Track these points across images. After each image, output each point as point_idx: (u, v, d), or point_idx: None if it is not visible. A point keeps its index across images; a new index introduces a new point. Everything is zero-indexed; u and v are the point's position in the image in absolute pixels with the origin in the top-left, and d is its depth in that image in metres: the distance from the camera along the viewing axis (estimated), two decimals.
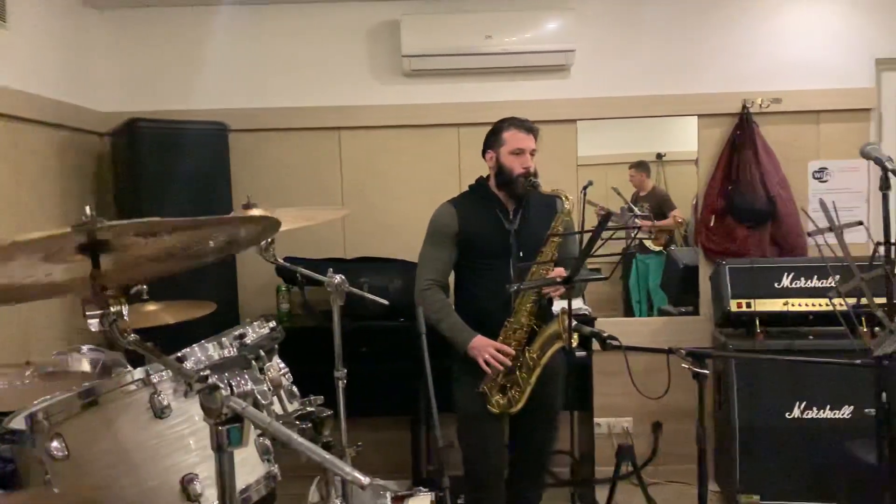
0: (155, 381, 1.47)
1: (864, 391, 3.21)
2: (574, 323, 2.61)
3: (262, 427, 0.97)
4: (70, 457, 1.43)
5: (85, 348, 2.36)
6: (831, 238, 2.25)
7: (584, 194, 4.08)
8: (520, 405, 2.76)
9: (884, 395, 2.07)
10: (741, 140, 3.82)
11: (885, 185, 2.17)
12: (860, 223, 2.06)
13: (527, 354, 2.74)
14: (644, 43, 3.91)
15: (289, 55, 3.89)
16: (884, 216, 2.16)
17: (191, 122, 3.58)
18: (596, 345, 2.93)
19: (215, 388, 0.98)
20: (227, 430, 0.99)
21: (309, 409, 1.47)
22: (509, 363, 2.73)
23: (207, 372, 0.99)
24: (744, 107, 3.84)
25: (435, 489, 2.23)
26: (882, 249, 2.14)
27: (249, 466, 1.51)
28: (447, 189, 3.17)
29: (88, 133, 3.72)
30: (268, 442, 1.53)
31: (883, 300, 2.10)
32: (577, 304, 3.76)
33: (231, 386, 0.98)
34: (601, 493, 3.49)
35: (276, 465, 1.63)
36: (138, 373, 1.50)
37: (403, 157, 3.94)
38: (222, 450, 1.00)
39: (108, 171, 3.78)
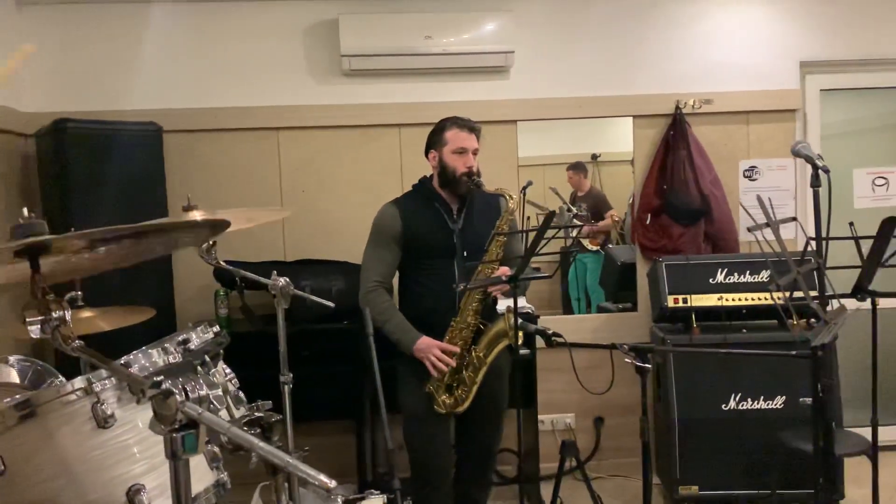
0: (97, 389, 1.40)
1: (795, 382, 3.35)
2: (519, 321, 2.64)
3: (221, 432, 0.94)
4: (6, 472, 1.36)
5: (13, 359, 2.25)
6: (766, 233, 2.34)
7: (524, 194, 4.16)
8: (466, 404, 2.77)
9: (818, 384, 2.16)
10: (675, 140, 3.93)
11: (815, 182, 2.27)
12: (794, 219, 2.14)
13: (473, 353, 2.76)
14: (581, 45, 3.97)
15: (225, 54, 3.80)
16: (814, 212, 2.25)
17: (122, 122, 3.45)
18: (540, 342, 2.97)
19: (169, 393, 0.94)
20: (181, 436, 0.96)
21: (257, 414, 1.43)
22: (454, 363, 2.73)
23: (161, 377, 0.95)
24: (677, 108, 3.95)
25: (385, 492, 2.21)
26: (813, 244, 2.23)
27: (198, 475, 1.46)
28: (389, 189, 3.16)
29: (12, 134, 3.55)
30: (216, 449, 1.49)
31: (814, 293, 2.19)
32: (521, 302, 3.79)
33: (185, 391, 0.94)
34: (546, 490, 3.53)
35: (226, 473, 1.58)
36: (79, 381, 1.42)
37: (344, 157, 3.90)
38: (177, 458, 0.96)
39: (34, 174, 3.62)
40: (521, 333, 2.68)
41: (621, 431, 4.00)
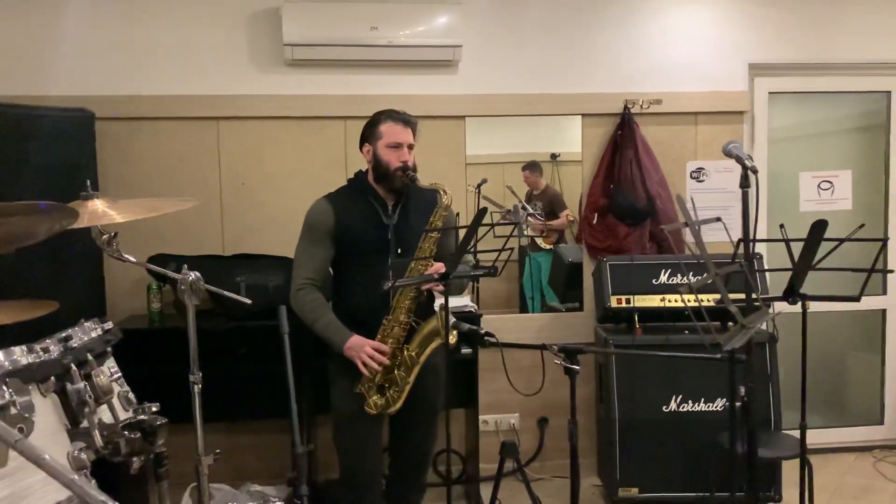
0: None
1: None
2: (452, 320, 2.58)
3: (9, 444, 0.85)
4: None
5: None
6: (705, 235, 2.31)
7: (479, 191, 4.10)
8: (398, 405, 2.69)
9: (742, 388, 2.13)
10: (623, 140, 3.90)
11: (744, 183, 2.24)
12: (718, 219, 2.11)
13: (405, 352, 2.68)
14: (530, 41, 3.92)
15: (163, 40, 3.67)
16: (743, 213, 2.22)
17: (49, 108, 3.31)
18: None
19: None
20: None
21: (140, 417, 1.34)
22: (387, 362, 2.66)
23: None
24: (626, 107, 3.92)
25: (296, 497, 2.14)
26: (742, 246, 2.20)
27: (58, 484, 1.36)
28: (333, 183, 3.06)
29: None
30: (84, 455, 1.40)
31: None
32: (464, 300, 3.75)
33: None
34: (487, 491, 3.48)
35: (94, 481, 1.48)
36: None
37: (287, 149, 3.80)
38: None
39: None
40: (455, 332, 2.63)
41: (566, 432, 3.95)
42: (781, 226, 2.28)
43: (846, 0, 4.09)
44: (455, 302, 3.39)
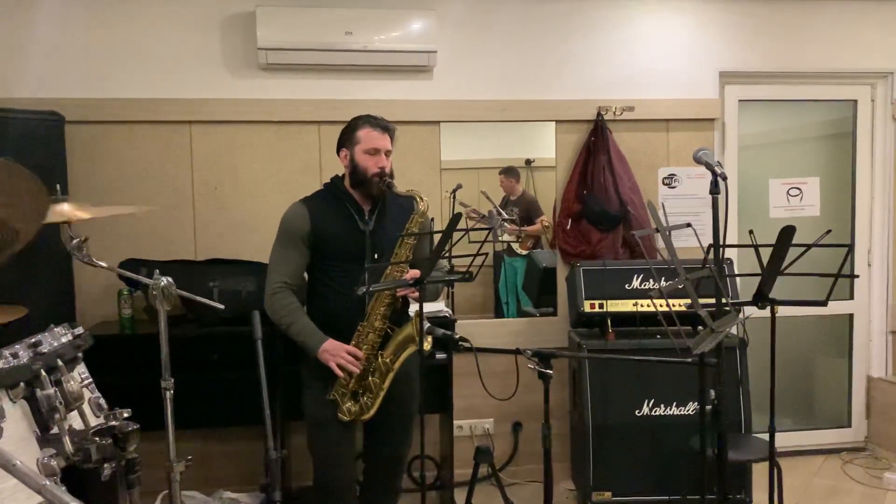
0: None
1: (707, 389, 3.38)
2: (427, 325, 2.58)
3: None
4: None
5: None
6: (676, 241, 2.34)
7: (454, 197, 4.11)
8: (372, 412, 2.69)
9: (712, 391, 2.16)
10: (596, 146, 3.93)
11: (714, 189, 2.28)
12: (688, 225, 2.14)
13: (380, 359, 2.68)
14: (504, 48, 3.94)
15: (134, 43, 3.63)
16: (713, 219, 2.26)
17: (19, 110, 3.26)
18: None
19: None
20: None
21: (112, 423, 1.33)
22: (361, 367, 2.65)
23: None
24: (598, 114, 3.95)
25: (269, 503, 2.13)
26: (713, 251, 2.23)
27: (28, 491, 1.34)
28: (307, 188, 3.05)
29: None
30: (54, 462, 1.38)
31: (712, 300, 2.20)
32: (439, 306, 3.75)
33: None
34: (461, 496, 3.48)
35: (64, 487, 1.47)
36: None
37: (260, 153, 3.78)
38: None
39: None
40: (430, 338, 2.63)
41: (540, 437, 3.97)
42: (751, 231, 2.31)
43: (815, 10, 4.17)
44: (430, 307, 3.39)
